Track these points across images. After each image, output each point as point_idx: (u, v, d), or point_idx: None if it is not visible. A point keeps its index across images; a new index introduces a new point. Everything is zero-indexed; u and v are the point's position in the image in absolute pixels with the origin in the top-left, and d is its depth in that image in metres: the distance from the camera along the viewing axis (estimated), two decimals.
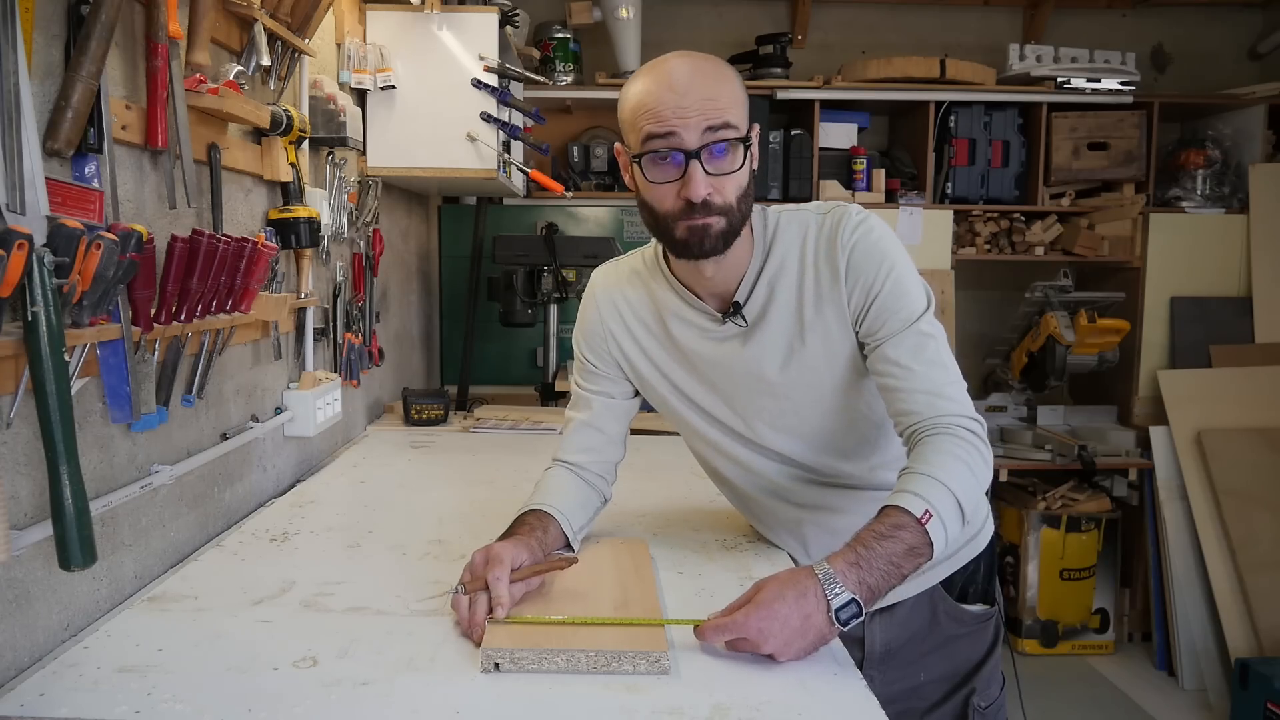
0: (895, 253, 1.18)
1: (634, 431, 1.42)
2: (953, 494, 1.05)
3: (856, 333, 1.20)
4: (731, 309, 1.23)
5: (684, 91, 1.08)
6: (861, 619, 1.00)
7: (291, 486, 1.84)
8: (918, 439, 1.12)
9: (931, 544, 1.02)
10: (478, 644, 1.02)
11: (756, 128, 1.14)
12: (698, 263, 1.17)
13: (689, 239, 1.13)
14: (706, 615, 1.04)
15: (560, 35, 3.40)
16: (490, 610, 1.04)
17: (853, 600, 0.98)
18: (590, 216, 3.35)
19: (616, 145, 1.20)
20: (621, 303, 1.33)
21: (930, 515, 1.02)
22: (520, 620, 1.05)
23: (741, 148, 1.11)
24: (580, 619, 1.06)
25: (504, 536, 1.20)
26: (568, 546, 1.28)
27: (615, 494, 1.42)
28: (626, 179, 1.19)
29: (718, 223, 1.12)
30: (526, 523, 1.24)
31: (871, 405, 1.24)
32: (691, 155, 1.08)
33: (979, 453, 1.10)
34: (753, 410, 1.27)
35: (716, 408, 1.30)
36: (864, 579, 0.99)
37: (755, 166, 1.16)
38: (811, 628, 0.98)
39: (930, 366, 1.14)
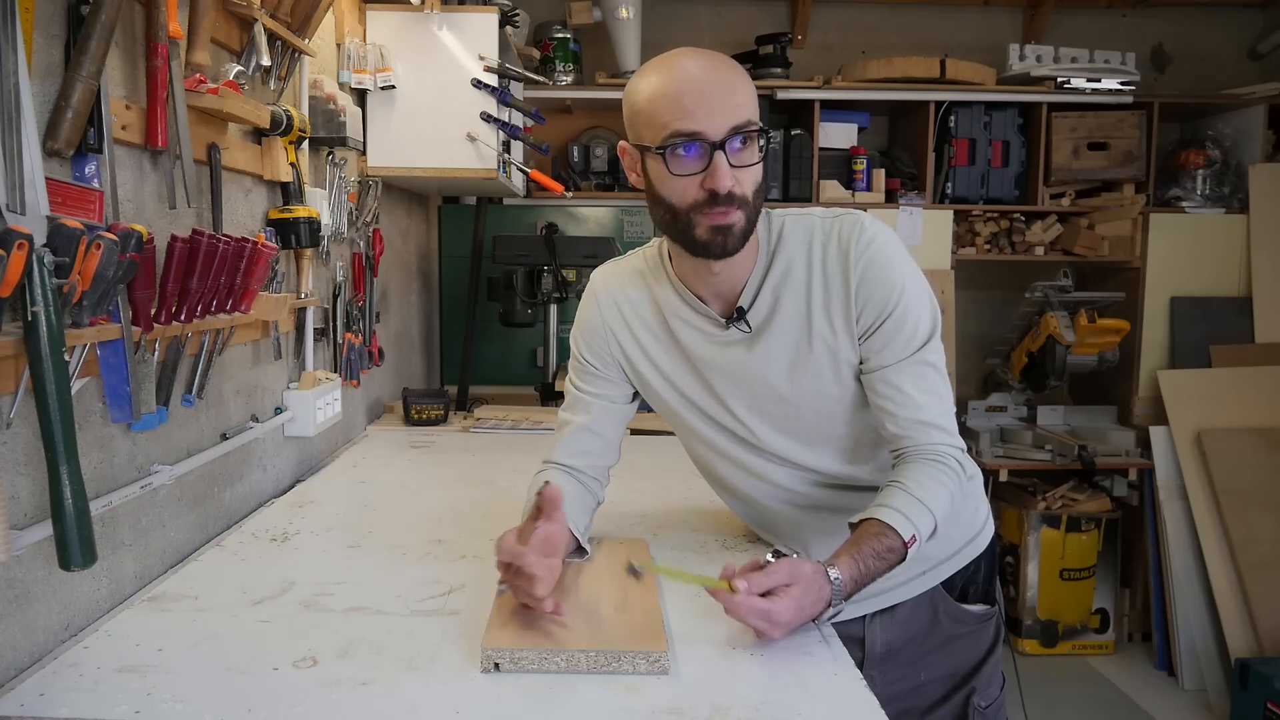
0: (907, 273, 1.18)
1: (634, 431, 1.43)
2: (935, 522, 1.13)
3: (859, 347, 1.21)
4: (736, 314, 1.22)
5: (704, 86, 1.08)
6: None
7: (291, 486, 1.84)
8: (910, 458, 1.18)
9: (904, 560, 1.11)
10: (553, 610, 1.04)
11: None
12: (708, 261, 1.17)
13: (711, 239, 1.12)
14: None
15: (560, 35, 3.40)
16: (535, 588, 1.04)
17: (840, 611, 1.07)
18: (590, 216, 3.35)
19: (621, 144, 1.18)
20: (624, 302, 1.32)
21: (914, 540, 1.11)
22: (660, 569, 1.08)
23: (759, 140, 1.11)
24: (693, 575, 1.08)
25: None
26: (579, 549, 1.27)
27: (615, 494, 1.42)
28: (633, 178, 1.18)
29: (739, 219, 1.11)
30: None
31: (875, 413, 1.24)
32: (716, 146, 1.08)
33: (960, 482, 1.18)
34: (755, 415, 1.27)
35: (718, 411, 1.30)
36: (852, 594, 1.08)
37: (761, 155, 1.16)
38: (803, 622, 1.06)
39: (928, 396, 1.18)
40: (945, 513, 1.15)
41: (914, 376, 1.17)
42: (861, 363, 1.21)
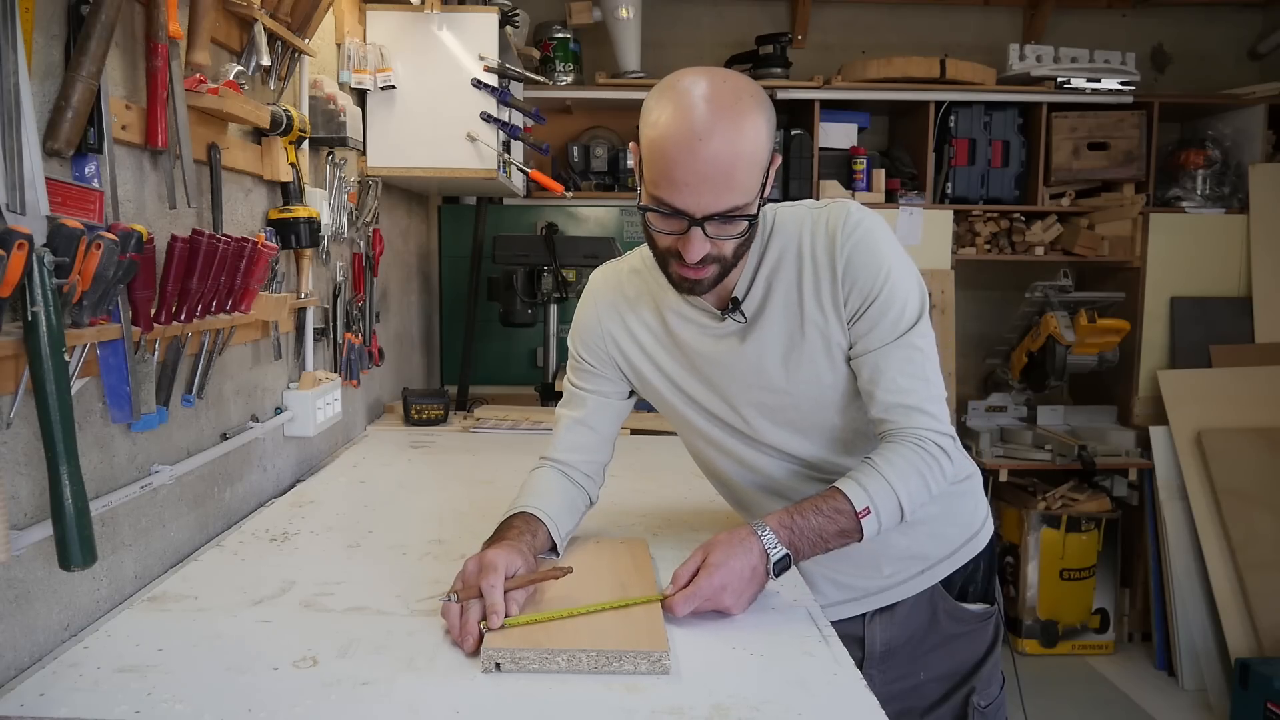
0: (893, 256, 1.18)
1: (634, 431, 1.42)
2: (898, 500, 1.14)
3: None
4: (730, 305, 1.23)
5: (700, 161, 1.04)
6: (790, 569, 1.14)
7: (291, 486, 1.84)
8: (888, 440, 1.19)
9: (862, 533, 1.13)
10: (470, 653, 1.00)
11: (778, 159, 1.14)
12: None
13: (679, 284, 1.17)
14: (703, 613, 1.09)
15: (560, 35, 3.40)
16: (484, 618, 1.02)
17: (786, 555, 1.11)
18: (590, 216, 3.35)
19: (632, 144, 1.17)
20: (621, 303, 1.33)
21: (869, 512, 1.12)
22: (516, 622, 1.04)
23: (754, 210, 1.10)
24: (564, 611, 1.07)
25: (491, 541, 1.19)
26: (553, 551, 1.27)
27: (615, 494, 1.42)
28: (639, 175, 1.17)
29: (710, 273, 1.14)
30: (514, 526, 1.22)
31: None
32: (695, 223, 1.08)
33: (939, 468, 1.17)
34: (752, 406, 1.27)
35: (716, 405, 1.30)
36: (793, 541, 1.12)
37: (769, 192, 1.15)
38: (756, 578, 1.11)
39: (914, 380, 1.18)
40: (916, 493, 1.14)
41: (900, 360, 1.17)
42: (851, 347, 1.21)
